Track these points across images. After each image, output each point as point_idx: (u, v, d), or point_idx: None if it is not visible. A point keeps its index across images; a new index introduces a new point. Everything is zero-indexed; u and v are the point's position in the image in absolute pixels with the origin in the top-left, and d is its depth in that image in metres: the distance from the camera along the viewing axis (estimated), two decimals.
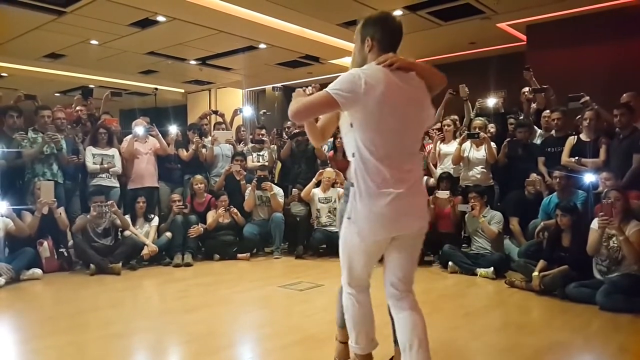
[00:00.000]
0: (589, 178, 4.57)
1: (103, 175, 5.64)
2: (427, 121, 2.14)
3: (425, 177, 6.04)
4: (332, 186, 5.97)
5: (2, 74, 10.64)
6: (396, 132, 1.95)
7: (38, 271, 4.76)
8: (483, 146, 5.44)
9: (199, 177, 6.05)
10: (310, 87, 2.29)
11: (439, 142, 5.89)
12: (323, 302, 3.07)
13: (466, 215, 5.21)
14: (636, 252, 3.70)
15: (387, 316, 2.18)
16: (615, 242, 3.79)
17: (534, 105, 6.02)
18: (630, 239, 3.73)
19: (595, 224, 3.89)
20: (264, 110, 8.63)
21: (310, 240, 5.96)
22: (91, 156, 5.63)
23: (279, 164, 6.93)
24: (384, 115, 1.93)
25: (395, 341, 2.18)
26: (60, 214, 5.17)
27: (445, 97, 6.49)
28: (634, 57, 6.49)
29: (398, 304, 2.06)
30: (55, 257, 5.10)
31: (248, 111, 8.89)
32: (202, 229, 5.71)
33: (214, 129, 7.10)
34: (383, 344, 2.29)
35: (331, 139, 6.35)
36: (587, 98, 5.10)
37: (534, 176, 5.10)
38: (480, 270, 4.77)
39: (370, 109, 1.91)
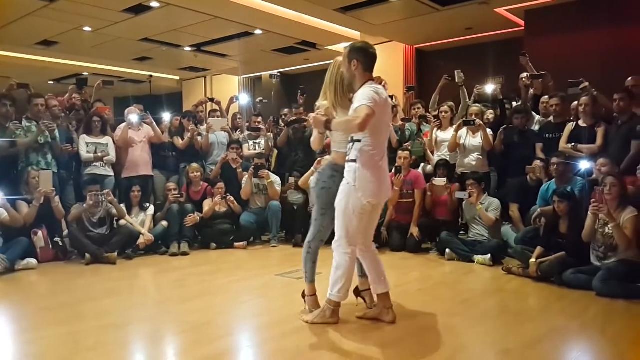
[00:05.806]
0: (585, 165, 4.54)
1: (97, 164, 5.59)
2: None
3: (422, 164, 6.02)
4: None
5: None
6: (384, 129, 2.95)
7: (33, 261, 4.73)
8: (479, 133, 5.40)
9: (195, 165, 5.99)
10: (319, 110, 2.98)
11: (435, 129, 5.83)
12: (321, 290, 3.07)
13: (463, 203, 5.18)
14: (628, 238, 3.71)
15: None
16: (610, 228, 3.78)
17: (531, 91, 5.99)
18: (626, 225, 3.73)
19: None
20: (261, 98, 8.53)
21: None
22: (85, 145, 5.58)
23: (276, 152, 6.88)
24: (382, 118, 2.84)
25: (362, 275, 3.17)
26: (58, 203, 5.13)
27: (441, 82, 6.44)
28: (632, 42, 6.45)
29: (371, 249, 3.05)
30: (50, 246, 5.06)
31: (244, 99, 8.81)
32: (198, 217, 5.68)
33: (209, 117, 7.03)
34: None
35: None
36: (587, 84, 5.06)
37: (536, 163, 5.05)
38: (478, 257, 4.77)
39: (378, 114, 2.74)
